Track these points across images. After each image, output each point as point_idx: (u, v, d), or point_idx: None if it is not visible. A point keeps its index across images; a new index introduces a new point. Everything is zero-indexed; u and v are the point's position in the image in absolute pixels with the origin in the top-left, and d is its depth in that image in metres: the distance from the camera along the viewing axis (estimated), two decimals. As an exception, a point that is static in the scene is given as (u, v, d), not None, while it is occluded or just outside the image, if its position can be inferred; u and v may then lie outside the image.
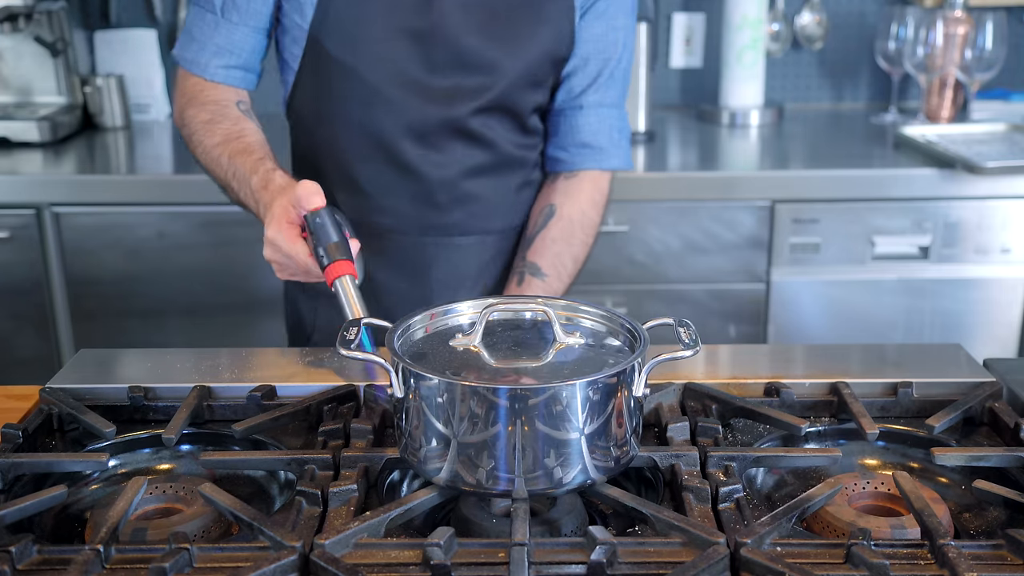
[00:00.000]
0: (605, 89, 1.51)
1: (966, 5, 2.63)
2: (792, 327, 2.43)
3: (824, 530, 0.96)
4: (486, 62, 1.42)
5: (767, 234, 2.36)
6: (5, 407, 1.19)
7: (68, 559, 0.88)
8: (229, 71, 1.45)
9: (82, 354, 1.32)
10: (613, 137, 1.54)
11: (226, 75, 1.45)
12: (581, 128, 1.52)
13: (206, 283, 2.39)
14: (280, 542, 0.89)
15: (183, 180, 2.37)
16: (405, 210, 1.49)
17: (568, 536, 0.95)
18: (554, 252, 1.49)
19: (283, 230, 1.22)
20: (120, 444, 1.12)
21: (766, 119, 2.81)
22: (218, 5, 1.43)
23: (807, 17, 2.90)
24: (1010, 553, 0.88)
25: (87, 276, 2.38)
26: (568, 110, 1.53)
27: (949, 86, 2.70)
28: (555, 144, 1.55)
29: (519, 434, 0.90)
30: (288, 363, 1.27)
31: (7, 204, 2.33)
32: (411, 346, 1.01)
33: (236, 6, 1.42)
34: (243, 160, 1.36)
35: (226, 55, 1.44)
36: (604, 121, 1.53)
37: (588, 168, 1.54)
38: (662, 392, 1.16)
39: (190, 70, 1.47)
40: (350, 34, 1.40)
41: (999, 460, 1.05)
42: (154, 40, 2.84)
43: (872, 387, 1.20)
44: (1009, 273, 2.40)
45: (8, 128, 2.58)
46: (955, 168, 2.31)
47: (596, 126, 1.52)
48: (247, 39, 1.44)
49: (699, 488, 0.98)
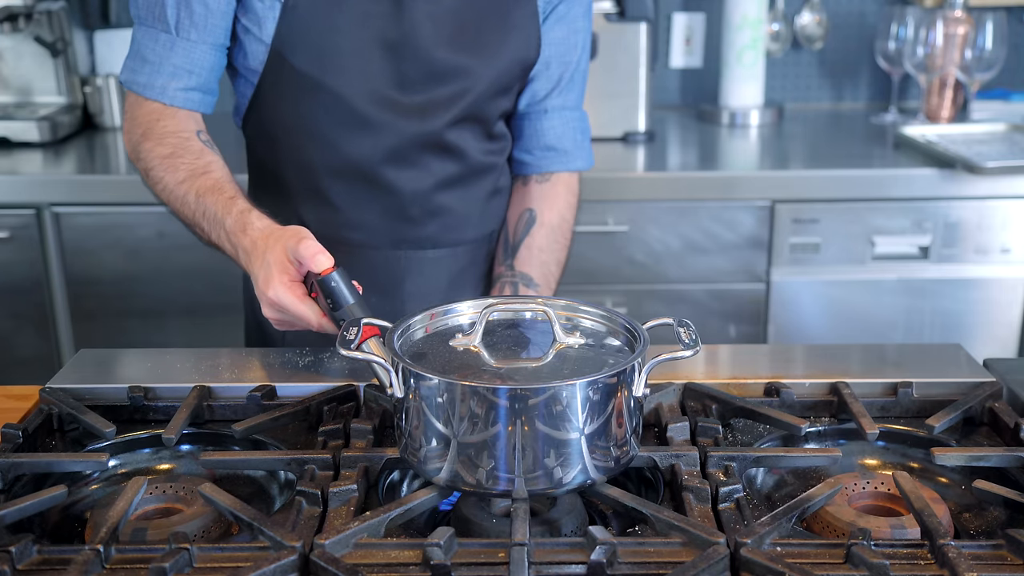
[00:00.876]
0: (567, 92, 1.52)
1: (966, 5, 2.63)
2: (792, 327, 2.43)
3: (824, 530, 0.96)
4: (459, 73, 1.40)
5: (767, 234, 2.36)
6: (5, 407, 1.19)
7: (68, 559, 0.88)
8: (188, 93, 1.37)
9: (82, 354, 1.32)
10: (577, 139, 1.55)
11: (185, 98, 1.37)
12: (546, 132, 1.53)
13: (206, 283, 2.39)
14: (280, 542, 0.89)
15: (183, 180, 2.37)
16: (376, 224, 1.45)
17: (568, 536, 0.95)
18: (541, 260, 1.50)
19: (288, 290, 1.15)
20: (120, 444, 1.12)
21: (766, 119, 2.81)
22: (172, 23, 1.34)
23: (807, 17, 2.90)
24: (1010, 553, 0.88)
25: (87, 276, 2.38)
26: (532, 114, 1.53)
27: (949, 86, 2.69)
28: (520, 147, 1.55)
29: (519, 434, 0.90)
30: (288, 363, 1.27)
31: (7, 204, 2.33)
32: (411, 346, 1.01)
33: (193, 23, 1.33)
34: (213, 199, 1.28)
35: (184, 76, 1.36)
36: (568, 124, 1.53)
37: (555, 170, 1.54)
38: (662, 392, 1.16)
39: (145, 95, 1.37)
40: (317, 47, 1.35)
41: (999, 460, 1.05)
42: (154, 40, 2.84)
43: (872, 387, 1.20)
44: (1009, 273, 2.40)
45: (8, 128, 2.58)
46: (955, 168, 2.31)
47: (560, 130, 1.53)
48: (206, 57, 1.36)
49: (699, 488, 0.98)
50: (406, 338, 1.02)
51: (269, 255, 1.17)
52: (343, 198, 1.44)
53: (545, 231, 1.51)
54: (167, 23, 1.34)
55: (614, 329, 1.03)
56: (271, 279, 1.15)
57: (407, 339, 1.02)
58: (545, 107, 1.52)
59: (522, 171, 1.56)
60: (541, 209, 1.52)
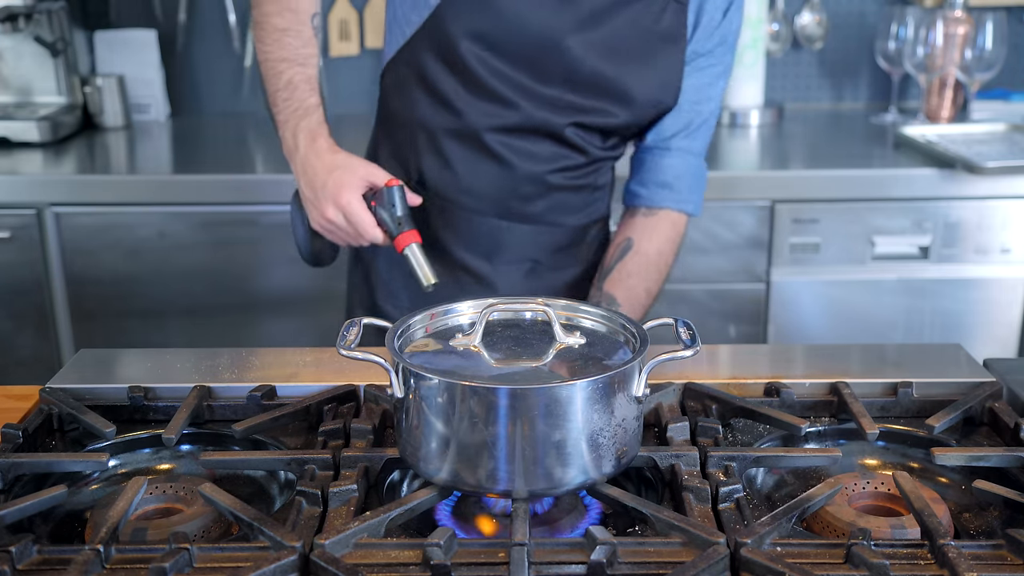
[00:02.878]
0: (694, 137, 1.55)
1: (966, 5, 2.63)
2: (792, 327, 2.43)
3: (824, 530, 0.96)
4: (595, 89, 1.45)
5: (767, 234, 2.36)
6: (5, 407, 1.19)
7: (68, 559, 0.88)
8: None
9: (82, 354, 1.32)
10: (692, 184, 1.57)
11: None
12: (665, 169, 1.55)
13: (206, 283, 2.39)
14: (280, 542, 0.89)
15: (183, 180, 2.37)
16: (489, 193, 1.51)
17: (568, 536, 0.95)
18: (629, 285, 1.53)
19: (356, 199, 1.38)
20: (120, 444, 1.12)
21: (766, 119, 2.81)
22: None
23: (807, 17, 2.90)
24: (1010, 553, 0.88)
25: (87, 276, 2.38)
26: (656, 149, 1.56)
27: (949, 86, 2.69)
28: (636, 180, 1.58)
29: (519, 434, 0.90)
30: (288, 363, 1.27)
31: (7, 204, 2.33)
32: (411, 346, 1.01)
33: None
34: (302, 94, 1.43)
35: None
36: (688, 167, 1.56)
37: (666, 207, 1.56)
38: (662, 392, 1.16)
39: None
40: (475, 23, 1.41)
41: (999, 460, 1.05)
42: (154, 40, 2.84)
43: (872, 387, 1.20)
44: (1009, 273, 2.40)
45: (8, 128, 2.58)
46: (955, 168, 2.31)
47: (680, 169, 1.55)
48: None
49: (699, 488, 0.98)
50: (406, 338, 1.02)
51: (347, 171, 1.39)
52: (463, 164, 1.50)
53: (639, 259, 1.54)
54: None
55: (614, 329, 1.03)
56: (344, 189, 1.37)
57: (407, 339, 1.02)
58: (669, 145, 1.55)
59: (633, 203, 1.59)
60: (640, 238, 1.56)
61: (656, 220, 1.57)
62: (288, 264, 2.35)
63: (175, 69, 2.93)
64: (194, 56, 2.93)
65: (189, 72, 2.95)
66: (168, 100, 2.90)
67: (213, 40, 2.91)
